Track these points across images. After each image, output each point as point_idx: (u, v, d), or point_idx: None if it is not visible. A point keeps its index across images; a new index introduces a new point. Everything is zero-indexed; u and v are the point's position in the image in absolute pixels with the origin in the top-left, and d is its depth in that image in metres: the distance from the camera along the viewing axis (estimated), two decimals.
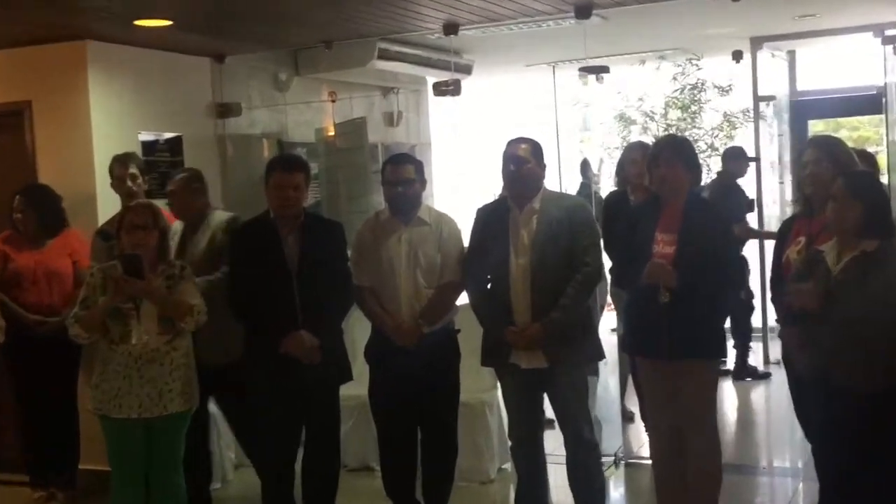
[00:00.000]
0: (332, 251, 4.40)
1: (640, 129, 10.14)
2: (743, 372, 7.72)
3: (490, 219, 4.44)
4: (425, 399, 4.52)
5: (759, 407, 7.46)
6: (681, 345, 4.06)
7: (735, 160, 7.57)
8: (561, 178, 7.26)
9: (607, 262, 4.99)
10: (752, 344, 7.90)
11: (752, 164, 7.93)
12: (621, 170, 5.97)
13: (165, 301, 4.17)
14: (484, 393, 5.57)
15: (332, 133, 7.39)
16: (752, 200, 8.02)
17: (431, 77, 8.28)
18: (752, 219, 7.88)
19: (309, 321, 4.29)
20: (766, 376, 7.76)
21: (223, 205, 6.54)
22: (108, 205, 5.57)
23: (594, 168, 8.86)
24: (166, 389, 4.17)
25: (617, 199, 5.75)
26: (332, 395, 4.51)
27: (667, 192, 4.18)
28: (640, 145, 5.97)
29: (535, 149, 4.37)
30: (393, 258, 4.44)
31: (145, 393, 4.15)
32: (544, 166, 4.41)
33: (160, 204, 5.34)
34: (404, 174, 4.46)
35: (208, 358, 4.54)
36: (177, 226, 5.26)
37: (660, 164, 4.14)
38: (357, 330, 5.11)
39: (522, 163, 4.31)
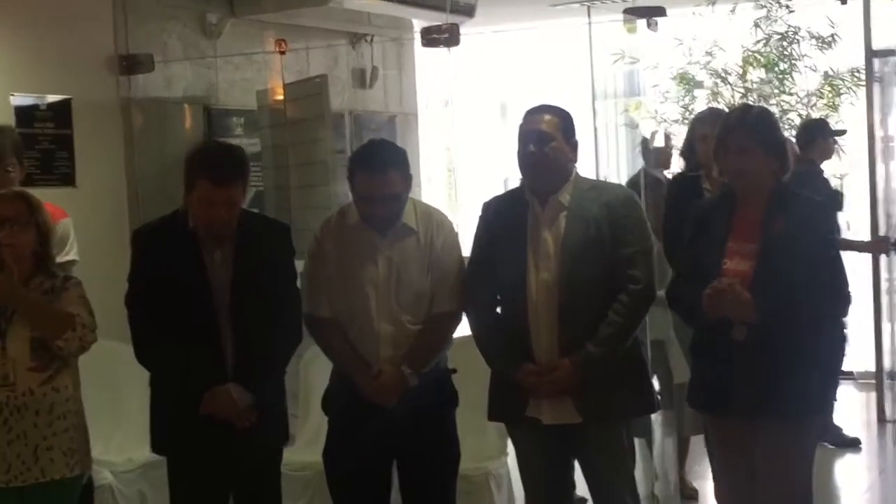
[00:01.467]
0: (275, 268, 4.36)
1: (709, 95, 10.15)
2: (824, 434, 7.64)
3: (501, 217, 4.40)
4: (408, 469, 4.48)
5: (849, 489, 7.40)
6: (764, 399, 4.03)
7: (815, 137, 7.57)
8: (598, 161, 7.26)
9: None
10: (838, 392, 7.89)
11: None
12: (689, 149, 5.96)
13: (34, 308, 4.13)
14: (490, 461, 5.50)
15: (280, 97, 7.40)
16: (840, 194, 8.00)
17: (420, 21, 8.30)
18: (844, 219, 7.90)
19: (241, 370, 4.25)
20: (854, 444, 7.72)
21: (126, 196, 6.56)
22: None
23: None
24: (44, 447, 4.12)
25: (686, 186, 5.72)
26: (271, 465, 4.47)
27: (742, 186, 4.17)
28: (713, 115, 5.96)
29: (564, 121, 4.35)
30: (366, 284, 4.38)
31: (14, 453, 4.08)
32: (575, 144, 4.39)
33: (43, 195, 5.34)
34: (387, 187, 4.35)
35: None
36: (67, 224, 5.25)
37: (730, 147, 4.14)
38: (313, 368, 5.09)
39: (545, 140, 4.27)
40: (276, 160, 7.45)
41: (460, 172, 11.47)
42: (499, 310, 4.43)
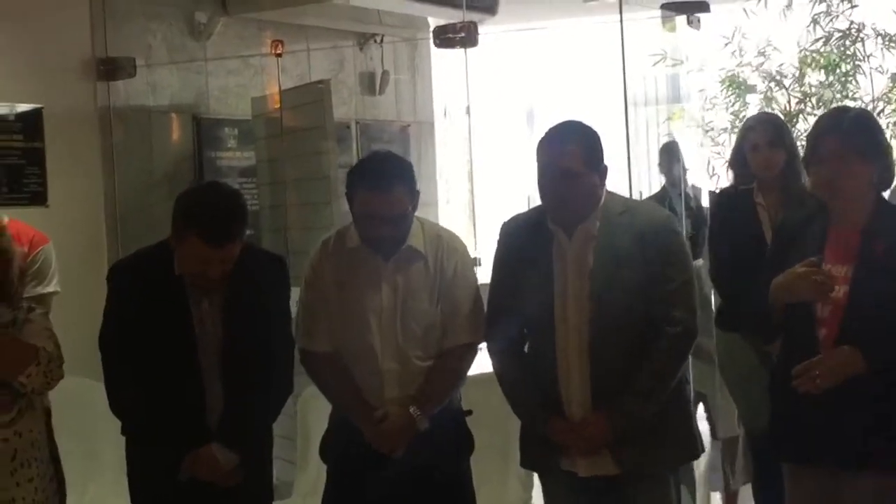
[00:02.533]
0: (268, 313, 4.34)
1: (762, 100, 10.09)
2: None
3: (522, 246, 4.38)
4: None
5: None
6: (863, 447, 3.95)
7: None
8: (631, 178, 7.20)
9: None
10: None
11: None
12: (739, 158, 5.93)
13: None
14: None
15: (277, 105, 7.40)
16: None
17: (435, 19, 8.30)
18: None
19: (226, 429, 4.25)
20: None
21: (105, 217, 6.55)
22: None
23: (682, 159, 8.75)
24: (6, 500, 4.12)
25: (736, 201, 5.71)
26: None
27: (835, 200, 4.10)
28: (765, 121, 5.93)
29: (588, 149, 4.26)
30: (368, 314, 4.36)
31: None
32: (604, 171, 4.32)
33: (11, 215, 5.34)
34: (392, 206, 4.32)
35: None
36: (48, 251, 5.25)
37: (821, 154, 4.10)
38: (312, 408, 5.05)
39: (570, 179, 4.21)
40: (272, 175, 7.45)
41: (482, 188, 11.42)
42: (525, 348, 4.42)
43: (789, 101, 9.86)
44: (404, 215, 4.35)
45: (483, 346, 4.50)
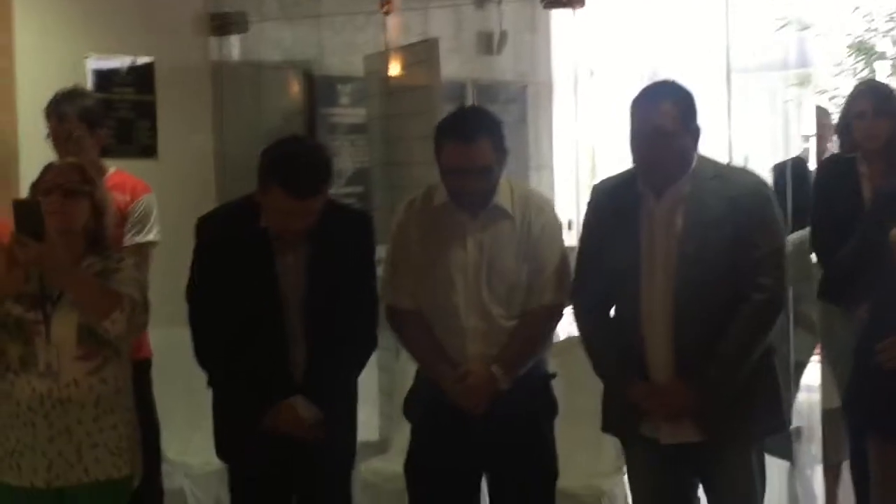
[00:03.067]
0: (353, 268, 4.34)
1: (892, 67, 9.92)
2: None
3: (612, 208, 4.33)
4: (499, 485, 4.49)
5: None
6: None
7: None
8: (731, 145, 7.04)
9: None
10: None
11: None
12: (845, 128, 5.83)
13: (78, 283, 4.17)
14: (604, 479, 5.48)
15: (388, 63, 7.40)
16: None
17: None
18: None
19: (310, 383, 4.28)
20: None
21: (214, 171, 6.61)
22: (37, 164, 5.66)
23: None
24: (89, 445, 4.18)
25: (839, 169, 5.61)
26: (340, 478, 4.53)
27: None
28: (872, 89, 5.80)
29: (684, 108, 4.19)
30: (453, 271, 4.36)
31: (56, 450, 4.14)
32: (697, 131, 4.25)
33: (121, 167, 5.40)
34: (478, 158, 4.33)
35: None
36: (149, 201, 5.31)
37: None
38: (413, 365, 5.03)
39: (665, 140, 4.13)
40: (383, 134, 7.45)
41: (605, 154, 11.32)
42: (612, 311, 4.38)
43: None
44: (489, 169, 4.33)
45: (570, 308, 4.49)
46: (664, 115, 4.16)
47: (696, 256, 4.13)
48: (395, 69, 7.22)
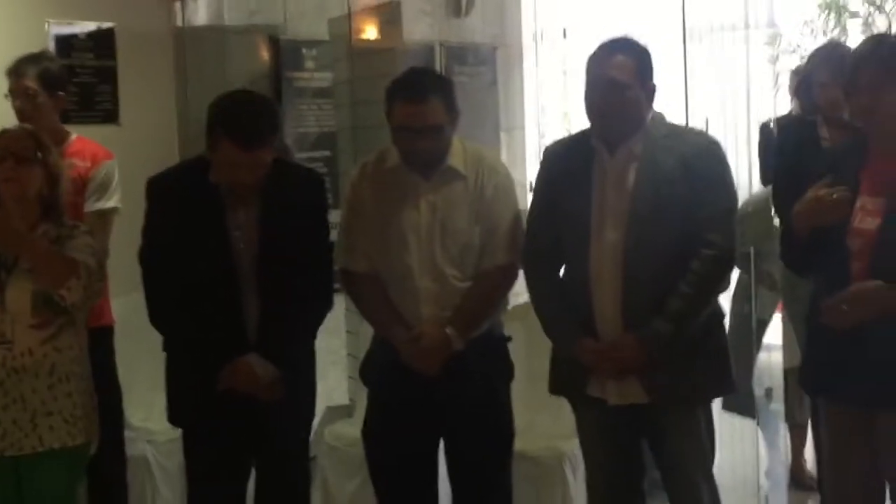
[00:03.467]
0: (305, 226, 4.35)
1: (862, 25, 9.86)
2: None
3: (564, 166, 4.35)
4: (456, 449, 4.52)
5: None
6: (888, 387, 3.89)
7: None
8: (688, 106, 6.99)
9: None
10: None
11: None
12: (805, 90, 5.82)
13: (32, 250, 4.17)
14: (564, 441, 5.44)
15: (355, 26, 7.38)
16: None
17: None
18: None
19: (264, 340, 4.29)
20: None
21: (177, 137, 6.59)
22: None
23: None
24: (43, 413, 4.21)
25: (799, 130, 5.61)
26: (298, 441, 4.54)
27: (874, 131, 4.00)
28: (833, 52, 5.79)
29: (640, 63, 4.22)
30: (406, 232, 4.39)
31: (10, 419, 4.19)
32: (653, 89, 4.26)
33: (82, 133, 5.39)
34: (428, 117, 4.33)
35: None
36: (110, 167, 5.31)
37: (860, 86, 4.00)
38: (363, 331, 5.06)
39: (618, 89, 4.17)
40: (352, 97, 7.42)
41: (579, 116, 11.26)
42: (561, 272, 4.40)
43: (889, 27, 9.63)
44: (441, 128, 4.35)
45: None
46: (619, 67, 4.19)
47: (646, 213, 4.15)
48: (358, 32, 7.21)
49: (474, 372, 4.41)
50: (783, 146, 5.65)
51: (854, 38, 9.35)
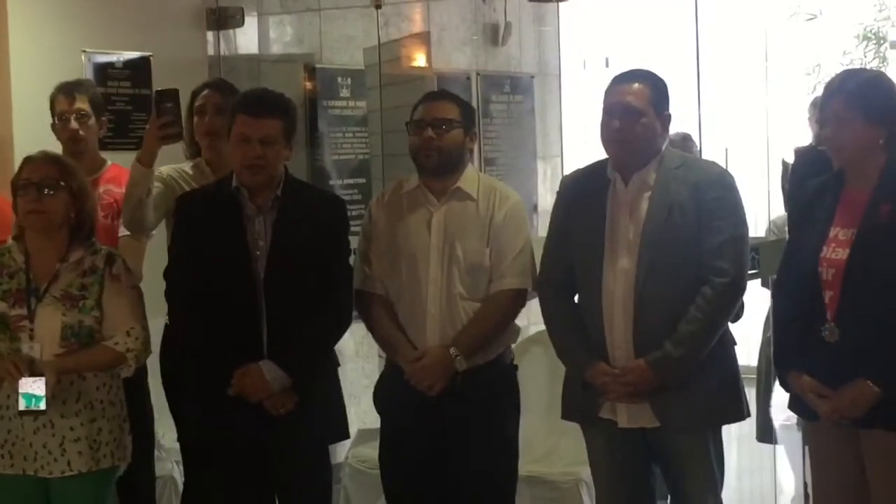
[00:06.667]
0: (323, 242, 4.46)
1: None
2: None
3: (579, 195, 4.46)
4: (461, 475, 4.57)
5: None
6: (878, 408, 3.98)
7: None
8: (701, 135, 7.07)
9: None
10: None
11: None
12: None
13: (75, 370, 4.28)
14: (582, 466, 5.50)
15: (390, 55, 7.49)
16: None
17: None
18: None
19: (278, 347, 4.36)
20: None
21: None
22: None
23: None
24: (71, 439, 4.28)
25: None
26: (318, 463, 4.59)
27: (844, 163, 4.14)
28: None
29: (656, 91, 4.34)
30: (416, 251, 4.50)
31: (40, 443, 4.25)
32: (668, 118, 4.37)
33: (117, 160, 5.48)
34: (440, 111, 4.56)
35: None
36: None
37: (827, 117, 4.09)
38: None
39: (633, 116, 4.28)
40: (386, 125, 7.53)
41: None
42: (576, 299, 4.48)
43: None
44: (449, 121, 4.57)
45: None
46: (634, 94, 4.29)
47: (658, 241, 4.23)
48: (390, 61, 7.32)
49: (483, 402, 4.50)
50: (796, 175, 5.72)
51: (894, 69, 9.37)
